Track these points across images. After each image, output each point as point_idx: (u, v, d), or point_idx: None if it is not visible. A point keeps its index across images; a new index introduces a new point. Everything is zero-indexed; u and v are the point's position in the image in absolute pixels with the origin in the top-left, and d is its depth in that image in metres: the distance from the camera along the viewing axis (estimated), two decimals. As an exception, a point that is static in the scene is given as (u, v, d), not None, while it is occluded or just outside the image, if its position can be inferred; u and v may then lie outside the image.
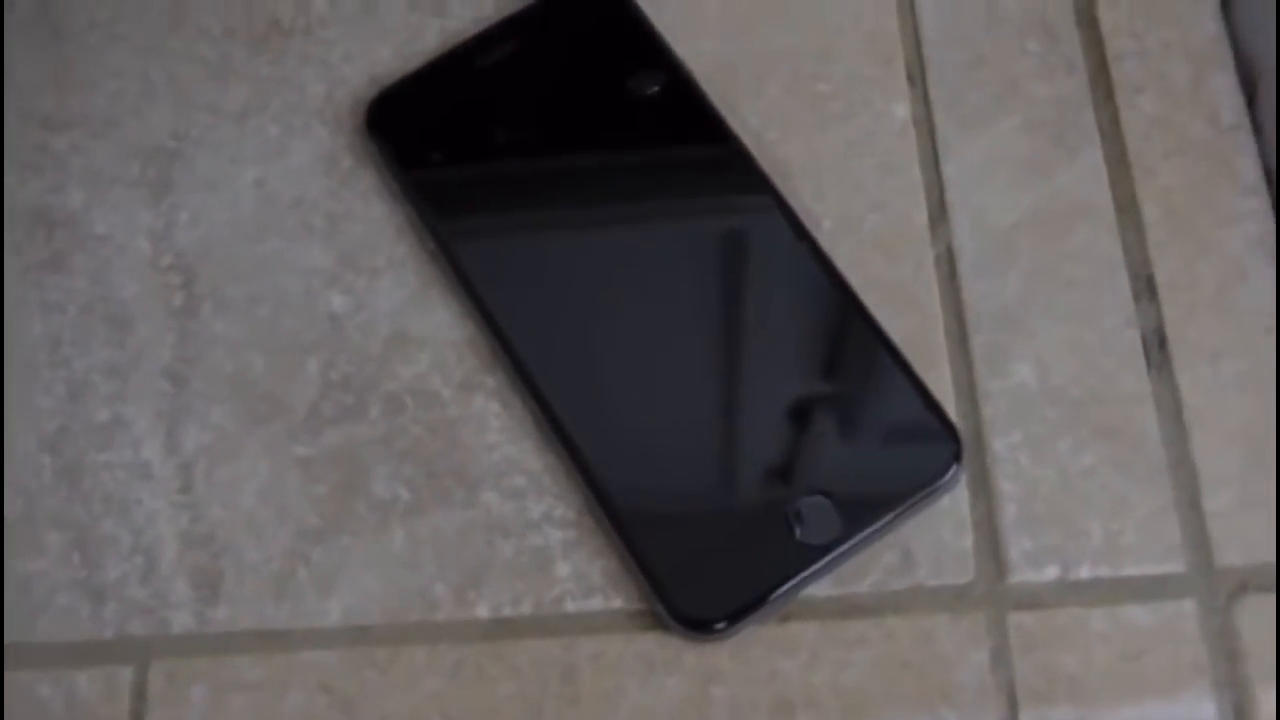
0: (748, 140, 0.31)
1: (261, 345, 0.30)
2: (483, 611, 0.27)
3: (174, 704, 0.27)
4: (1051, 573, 0.27)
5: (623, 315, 0.29)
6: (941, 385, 0.29)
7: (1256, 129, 0.31)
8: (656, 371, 0.29)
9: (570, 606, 0.27)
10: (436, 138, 0.31)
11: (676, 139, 0.31)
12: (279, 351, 0.30)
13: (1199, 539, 0.27)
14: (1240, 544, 0.27)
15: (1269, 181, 0.30)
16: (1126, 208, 0.30)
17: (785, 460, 0.28)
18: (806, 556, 0.27)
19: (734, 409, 0.28)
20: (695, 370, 0.29)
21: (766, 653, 0.27)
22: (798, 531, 0.27)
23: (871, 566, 0.27)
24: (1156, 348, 0.29)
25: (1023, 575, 0.27)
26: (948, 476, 0.27)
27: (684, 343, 0.29)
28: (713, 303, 0.29)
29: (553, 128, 0.31)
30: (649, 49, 0.32)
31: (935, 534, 0.28)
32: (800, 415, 0.28)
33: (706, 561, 0.27)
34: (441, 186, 0.31)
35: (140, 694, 0.27)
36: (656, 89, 0.31)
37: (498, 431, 0.29)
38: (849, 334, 0.29)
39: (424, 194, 0.31)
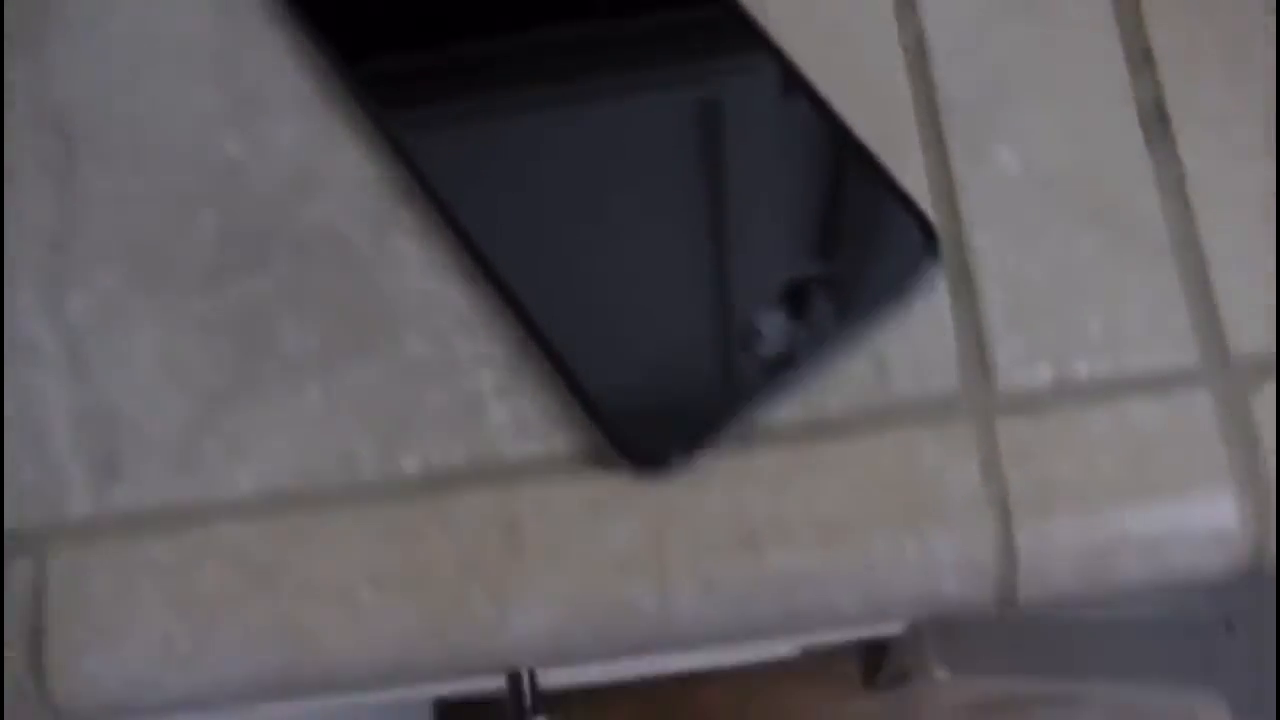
0: (678, -74, 0.27)
1: (151, 200, 0.27)
2: (411, 466, 0.25)
3: (78, 594, 0.24)
4: (1045, 373, 0.24)
5: (547, 128, 0.26)
6: (914, 178, 0.25)
7: None
8: (589, 186, 0.25)
9: (508, 453, 0.24)
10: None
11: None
12: (171, 205, 0.27)
13: (1211, 325, 0.24)
14: (1257, 327, 0.24)
15: (1272, -75, 0.27)
16: (1111, -35, 0.27)
17: (737, 272, 0.24)
18: (767, 375, 0.24)
19: (677, 218, 0.25)
20: (634, 181, 0.25)
21: (729, 485, 0.24)
22: (755, 348, 0.24)
23: (843, 382, 0.24)
24: (1155, 120, 0.25)
25: (1012, 378, 0.24)
26: (923, 275, 0.24)
27: (621, 152, 0.26)
28: (652, 104, 0.26)
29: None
30: None
31: (912, 341, 0.24)
32: (752, 220, 0.25)
33: (656, 390, 0.24)
34: (346, 11, 0.27)
35: (40, 587, 0.24)
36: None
37: (417, 271, 0.26)
38: (803, 127, 0.25)
39: (324, 20, 0.27)
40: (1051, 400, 0.24)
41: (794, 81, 0.26)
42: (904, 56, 0.26)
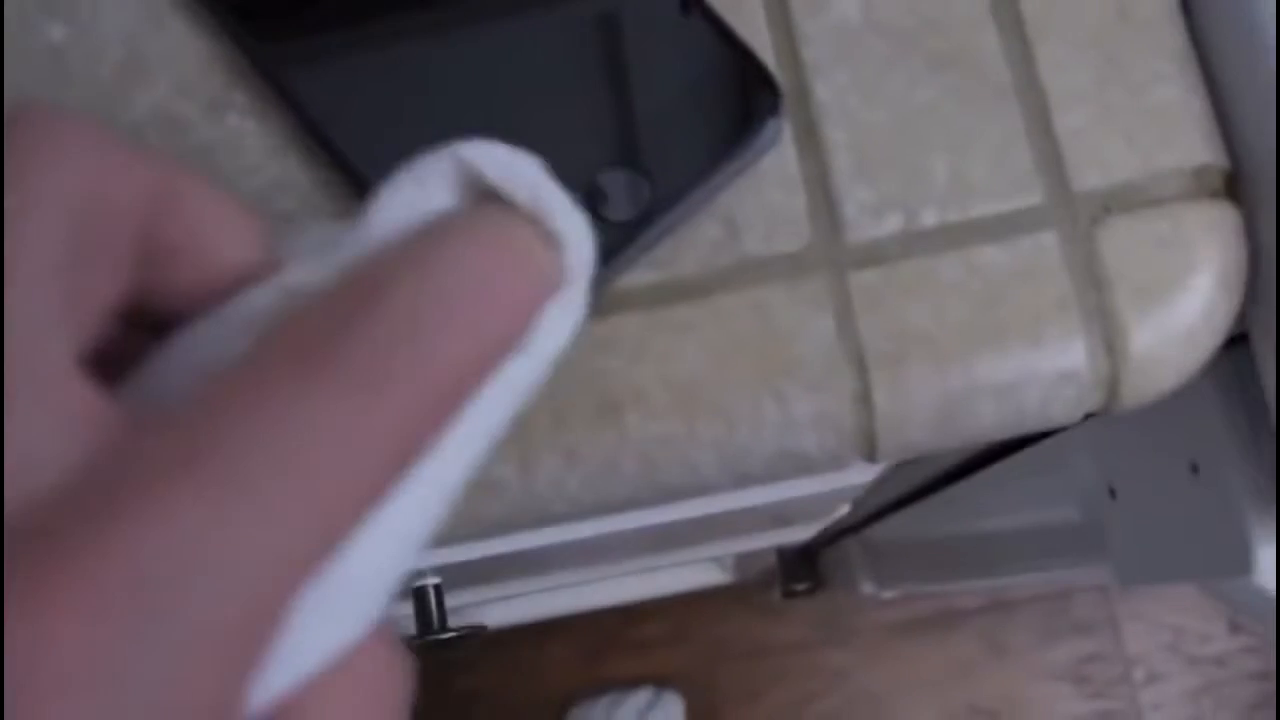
0: None
1: (-26, 94, 0.26)
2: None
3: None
4: (894, 223, 0.24)
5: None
6: (754, 30, 0.25)
7: None
8: (428, 55, 0.25)
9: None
10: None
11: None
12: (-6, 98, 0.26)
13: (1053, 164, 0.24)
14: (1099, 164, 0.24)
15: None
16: None
17: (577, 132, 0.24)
18: (614, 237, 0.23)
19: (515, 80, 0.24)
20: (472, 46, 0.25)
21: (583, 353, 0.24)
22: (600, 210, 0.23)
23: (693, 243, 0.24)
24: (994, -38, 0.25)
25: (862, 231, 0.24)
26: (767, 130, 0.24)
27: (457, 20, 0.25)
28: (485, -28, 0.25)
29: None
30: None
31: (761, 198, 0.24)
32: (590, 79, 0.24)
33: (502, 257, 0.23)
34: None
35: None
36: None
37: (258, 152, 0.25)
38: (643, -12, 0.25)
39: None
40: (901, 250, 0.24)
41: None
42: (746, -88, 0.26)
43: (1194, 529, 0.30)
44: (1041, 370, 0.24)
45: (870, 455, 0.25)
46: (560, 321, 0.16)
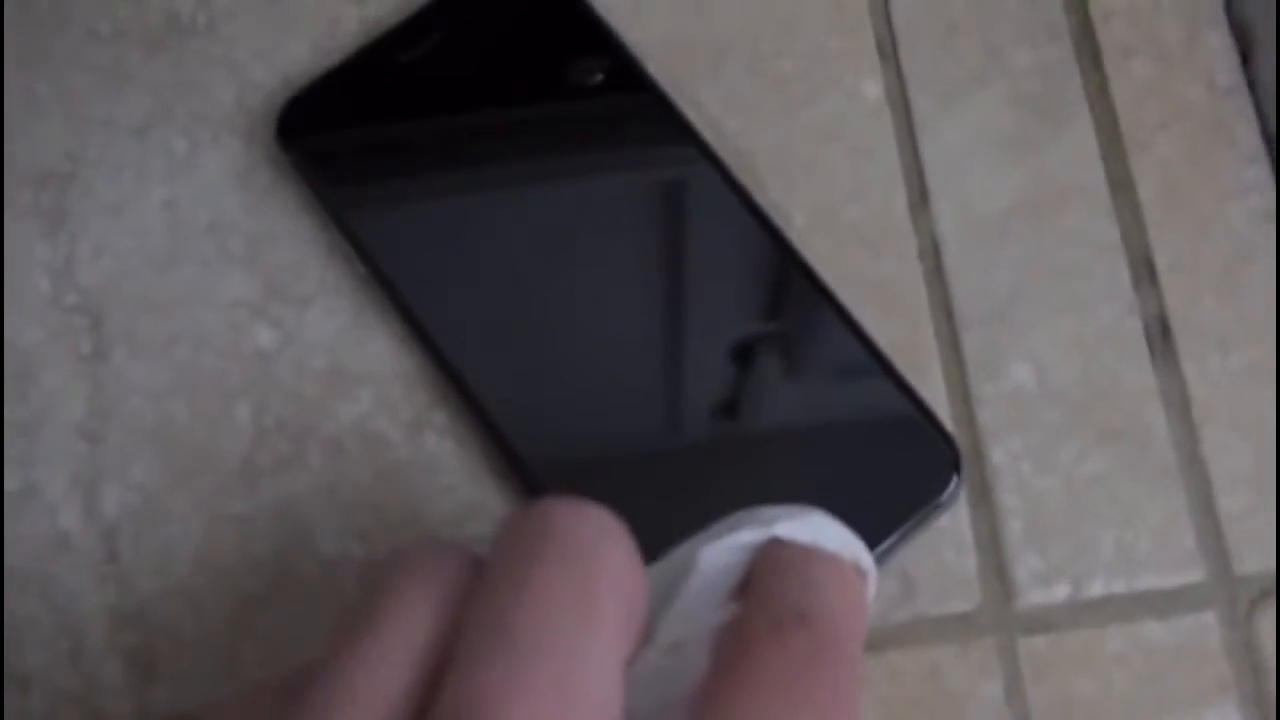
0: (706, 131, 0.28)
1: (184, 391, 0.27)
2: (450, 676, 0.25)
3: (116, 802, 0.25)
4: (1062, 592, 0.25)
5: (577, 336, 0.27)
6: (934, 391, 0.26)
7: (1252, 88, 0.29)
8: (616, 393, 0.26)
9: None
10: (359, 144, 0.28)
11: (624, 134, 0.28)
12: (204, 397, 0.27)
13: (1216, 545, 0.25)
14: (1260, 548, 0.25)
15: (1269, 147, 0.28)
16: (1121, 185, 0.28)
17: (770, 489, 0.25)
18: (800, 595, 0.24)
19: (711, 434, 0.26)
20: (666, 397, 0.26)
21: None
22: (789, 568, 0.24)
23: (871, 599, 0.25)
24: (1160, 337, 0.27)
25: (1032, 597, 0.25)
26: (947, 492, 0.25)
27: (651, 365, 0.26)
28: (682, 319, 0.27)
29: (486, 126, 0.28)
30: (591, 33, 0.29)
31: (936, 557, 0.25)
32: (783, 437, 0.26)
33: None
34: (369, 199, 0.28)
35: (78, 792, 0.25)
36: (600, 77, 0.28)
37: (454, 473, 0.26)
38: (831, 343, 0.26)
39: (350, 209, 0.28)
40: (1069, 618, 0.25)
41: (818, 288, 0.27)
42: (921, 266, 0.27)
43: None
44: (1198, 743, 0.25)
45: (1026, 808, 0.26)
46: None
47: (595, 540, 0.17)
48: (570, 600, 0.17)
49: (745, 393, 0.26)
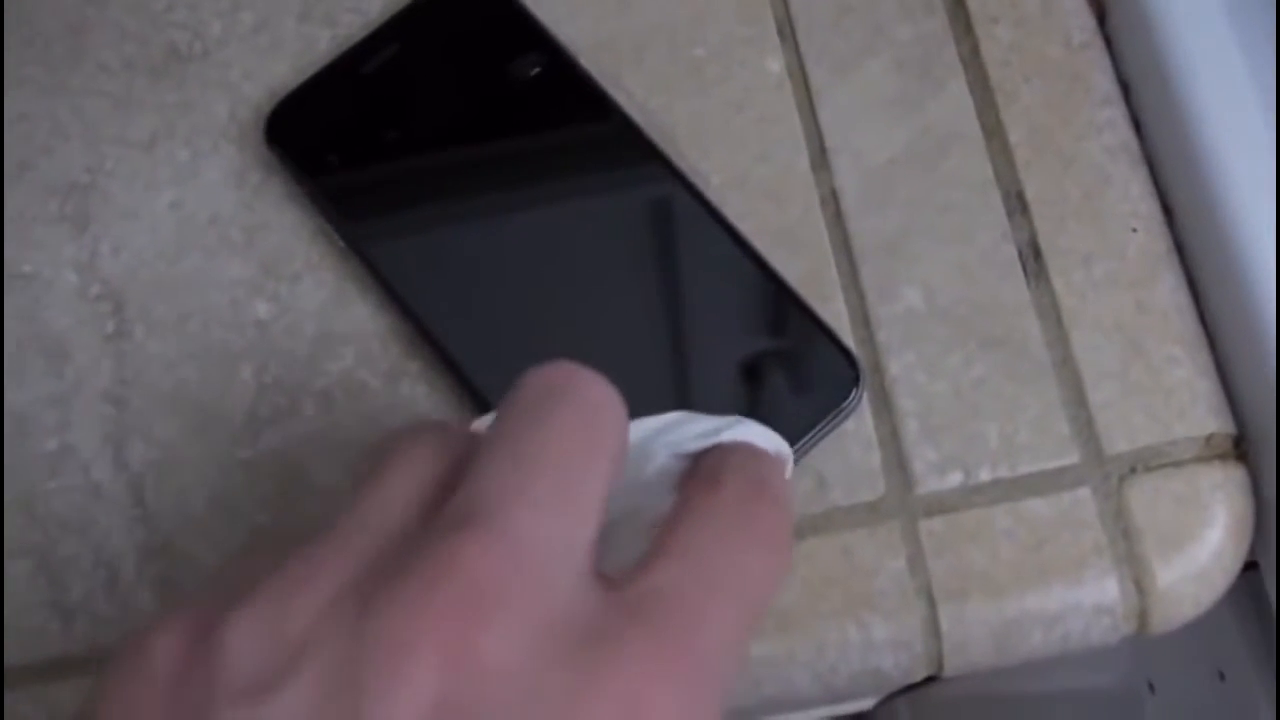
0: (632, 111, 0.32)
1: (195, 359, 0.32)
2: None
3: None
4: (955, 479, 0.29)
5: (529, 290, 0.31)
6: (838, 316, 0.30)
7: (1108, 42, 0.33)
8: (563, 334, 0.30)
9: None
10: (334, 142, 0.33)
11: (563, 119, 0.33)
12: (212, 363, 0.32)
13: (1087, 431, 0.29)
14: (1125, 431, 0.29)
15: (1123, 90, 0.32)
16: (993, 132, 0.32)
17: (700, 403, 0.29)
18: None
19: (646, 362, 0.30)
20: (603, 330, 0.30)
21: (699, 586, 0.28)
22: (715, 470, 0.28)
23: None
24: (1032, 259, 0.31)
25: (929, 484, 0.29)
26: (851, 400, 0.29)
27: (589, 307, 0.31)
28: (615, 268, 0.31)
29: (442, 121, 0.33)
30: (528, 34, 0.33)
31: (844, 456, 0.29)
32: (706, 360, 0.30)
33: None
34: (344, 188, 0.32)
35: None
36: (538, 71, 0.33)
37: (428, 412, 0.31)
38: (746, 281, 0.30)
39: (329, 197, 0.32)
40: (962, 501, 0.29)
41: (733, 236, 0.31)
42: (822, 213, 0.32)
43: (1224, 727, 0.34)
44: (1082, 604, 0.28)
45: (938, 672, 0.29)
46: None
47: (603, 399, 0.21)
48: (578, 435, 0.20)
49: (677, 327, 0.30)
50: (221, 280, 0.32)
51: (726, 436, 0.23)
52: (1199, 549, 0.28)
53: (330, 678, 0.16)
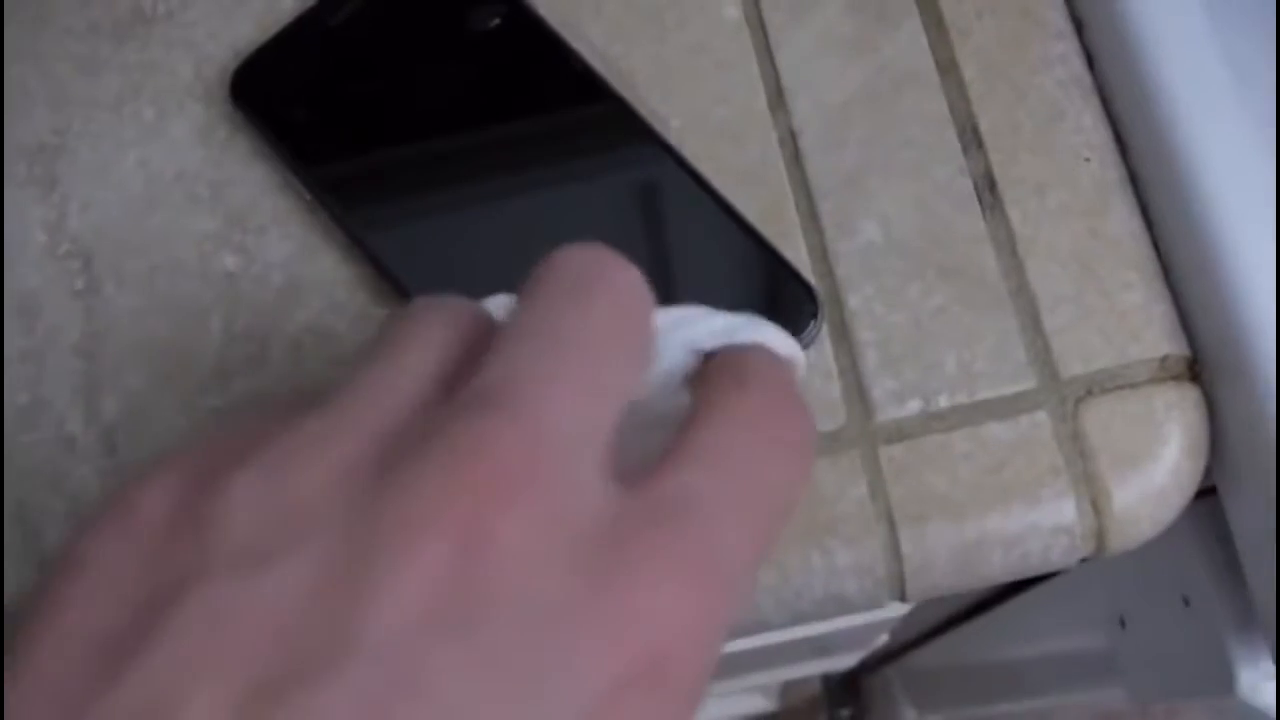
0: (592, 58, 0.33)
1: (164, 312, 0.32)
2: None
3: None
4: (915, 406, 0.29)
5: (492, 233, 0.31)
6: (797, 253, 0.31)
7: (1061, -19, 0.33)
8: (526, 272, 0.31)
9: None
10: (298, 98, 0.33)
11: (523, 66, 0.33)
12: (181, 315, 0.32)
13: (1043, 355, 0.30)
14: (1081, 355, 0.29)
15: (1076, 27, 0.33)
16: (947, 68, 0.32)
17: (658, 340, 0.30)
18: (688, 423, 0.29)
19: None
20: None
21: (664, 517, 0.29)
22: (676, 402, 0.29)
23: (750, 425, 0.29)
24: (987, 190, 0.31)
25: (889, 412, 0.29)
26: (809, 331, 0.29)
27: (552, 246, 0.31)
28: (578, 210, 0.31)
29: (405, 72, 0.33)
30: (488, -15, 0.34)
31: (805, 386, 0.30)
32: (669, 298, 0.30)
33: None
34: (310, 141, 0.33)
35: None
36: (498, 21, 0.33)
37: (394, 357, 0.31)
38: (706, 218, 0.31)
39: (294, 151, 0.32)
40: (921, 428, 0.29)
41: (694, 177, 0.31)
42: (781, 153, 0.32)
43: (1190, 654, 0.34)
44: (1040, 524, 0.29)
45: (901, 597, 0.30)
46: None
47: (636, 286, 0.20)
48: (613, 322, 0.19)
49: (639, 266, 0.31)
50: (189, 235, 0.33)
51: (744, 336, 0.22)
52: (1155, 468, 0.29)
53: (335, 554, 0.15)
